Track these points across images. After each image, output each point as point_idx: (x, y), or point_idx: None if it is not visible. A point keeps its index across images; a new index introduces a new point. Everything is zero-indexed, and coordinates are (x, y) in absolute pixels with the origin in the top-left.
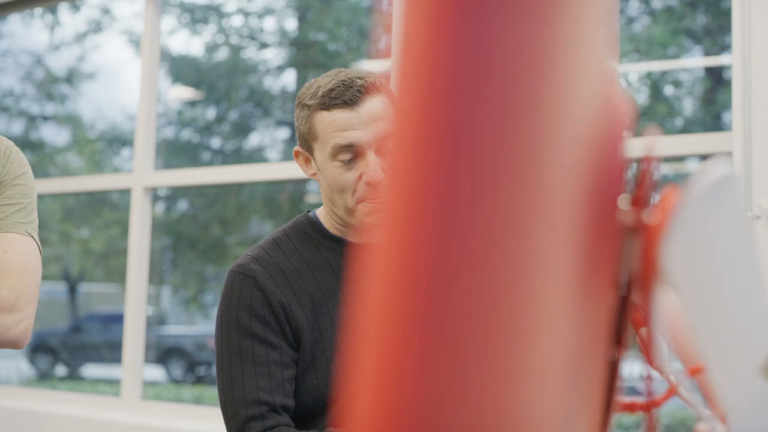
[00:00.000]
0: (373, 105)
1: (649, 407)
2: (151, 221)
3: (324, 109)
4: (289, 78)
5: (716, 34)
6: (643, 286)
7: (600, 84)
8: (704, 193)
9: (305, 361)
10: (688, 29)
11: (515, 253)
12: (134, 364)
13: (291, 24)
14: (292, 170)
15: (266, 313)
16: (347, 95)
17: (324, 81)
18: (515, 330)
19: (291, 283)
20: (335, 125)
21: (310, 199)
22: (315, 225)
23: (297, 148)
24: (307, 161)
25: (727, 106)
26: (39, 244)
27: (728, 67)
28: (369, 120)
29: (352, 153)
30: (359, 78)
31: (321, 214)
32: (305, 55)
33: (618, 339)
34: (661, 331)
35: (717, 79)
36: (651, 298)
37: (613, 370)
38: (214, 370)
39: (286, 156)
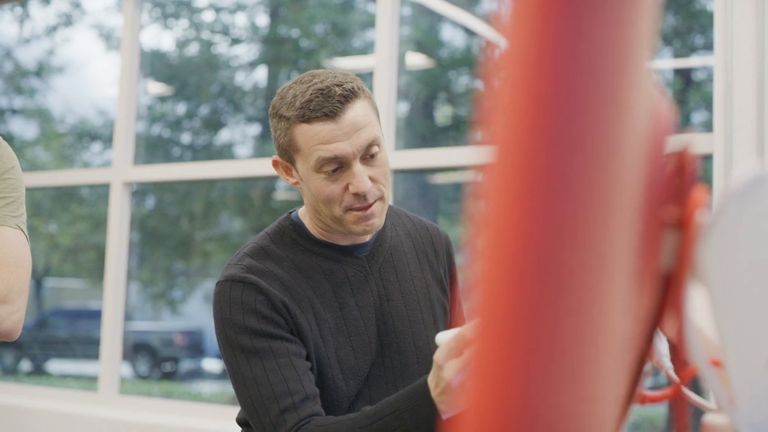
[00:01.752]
0: (354, 113)
1: (666, 398)
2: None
3: (304, 121)
4: (261, 74)
5: (686, 35)
6: (678, 281)
7: (650, 84)
8: (742, 192)
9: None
10: (658, 31)
11: (595, 250)
12: (112, 360)
13: (263, 20)
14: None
15: (273, 314)
16: (327, 107)
17: (299, 89)
18: (594, 325)
19: (289, 289)
20: (318, 138)
21: (279, 195)
22: (300, 229)
23: (276, 157)
24: (288, 170)
25: (696, 107)
26: (28, 237)
27: (697, 69)
28: (352, 130)
29: (336, 164)
30: (337, 85)
31: (304, 217)
32: (277, 51)
33: (650, 332)
34: (690, 326)
35: (686, 81)
36: (684, 293)
37: (640, 362)
38: (180, 365)
39: (257, 152)
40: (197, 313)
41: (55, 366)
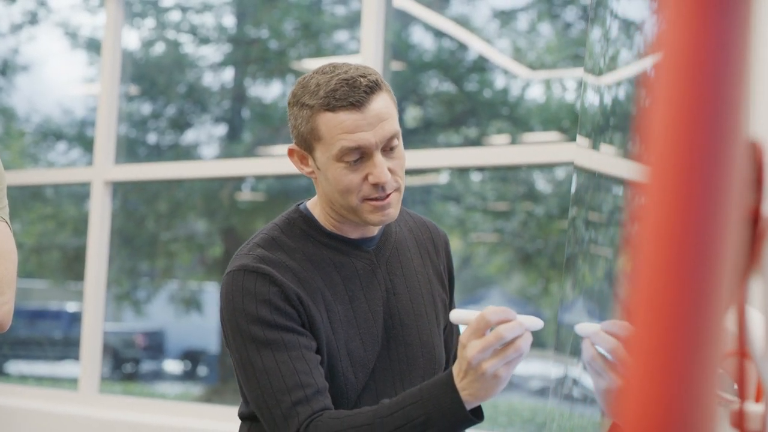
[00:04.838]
0: (378, 105)
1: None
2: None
3: (329, 110)
4: (228, 75)
5: None
6: (745, 274)
7: None
8: None
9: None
10: None
11: (725, 253)
12: (92, 359)
13: (230, 20)
14: (261, 166)
15: (286, 306)
16: (353, 96)
17: (323, 79)
18: (719, 325)
19: (302, 281)
20: (342, 127)
21: (242, 196)
22: (310, 221)
23: (292, 146)
24: (303, 159)
25: None
26: (12, 228)
27: None
28: (376, 121)
29: (358, 154)
30: (362, 76)
31: (314, 208)
32: (245, 52)
33: None
34: (750, 318)
35: None
36: (746, 288)
37: None
38: (141, 367)
39: (224, 152)
40: (160, 313)
41: (14, 367)
